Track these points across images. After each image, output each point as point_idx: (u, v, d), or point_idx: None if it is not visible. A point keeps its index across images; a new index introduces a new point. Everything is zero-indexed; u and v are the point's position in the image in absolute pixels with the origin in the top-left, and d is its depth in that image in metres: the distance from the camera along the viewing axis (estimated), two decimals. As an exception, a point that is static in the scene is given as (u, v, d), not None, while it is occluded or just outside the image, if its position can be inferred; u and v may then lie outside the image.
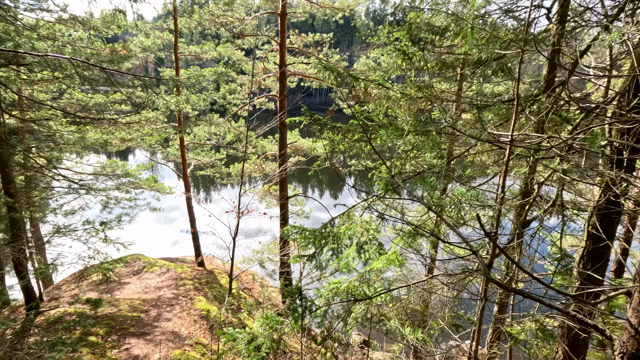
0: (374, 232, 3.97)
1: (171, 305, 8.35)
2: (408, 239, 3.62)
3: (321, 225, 4.71)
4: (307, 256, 4.28)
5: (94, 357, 5.71)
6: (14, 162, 8.68)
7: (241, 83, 14.96)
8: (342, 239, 4.33)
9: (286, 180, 11.51)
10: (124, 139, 13.24)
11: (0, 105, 7.00)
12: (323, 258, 4.12)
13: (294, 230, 4.65)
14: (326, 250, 4.34)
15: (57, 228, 7.14)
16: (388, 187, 4.03)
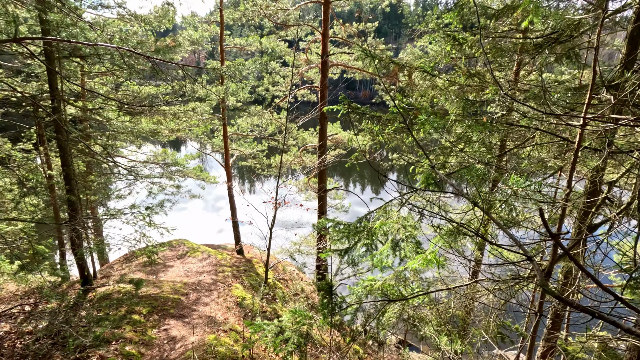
0: (411, 229, 3.67)
1: (210, 291, 8.60)
2: (448, 238, 3.27)
3: (356, 219, 4.48)
4: (339, 251, 4.08)
5: (136, 335, 6.00)
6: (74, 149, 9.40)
7: (284, 75, 14.99)
8: (376, 234, 4.07)
9: (325, 172, 11.35)
10: (173, 130, 13.85)
11: (62, 95, 7.54)
12: (356, 254, 3.89)
13: (328, 223, 4.47)
14: (359, 245, 4.11)
15: (108, 211, 7.61)
16: (429, 181, 3.69)
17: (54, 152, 10.54)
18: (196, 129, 14.69)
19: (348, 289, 4.42)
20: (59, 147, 7.27)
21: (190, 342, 5.89)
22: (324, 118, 10.85)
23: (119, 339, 5.76)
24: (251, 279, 9.98)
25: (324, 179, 11.24)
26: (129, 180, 11.86)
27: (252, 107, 14.38)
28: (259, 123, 14.91)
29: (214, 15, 12.92)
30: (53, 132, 7.15)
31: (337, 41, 13.75)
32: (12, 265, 6.31)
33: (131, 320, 6.50)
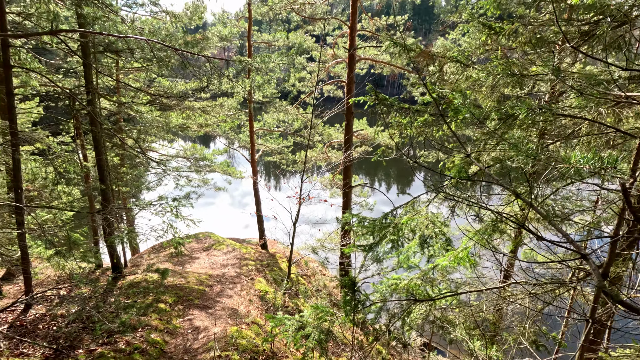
0: (441, 226, 3.45)
1: (233, 283, 8.67)
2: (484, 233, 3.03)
3: (382, 215, 4.30)
4: (364, 246, 3.92)
5: (161, 323, 6.11)
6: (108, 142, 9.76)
7: (310, 70, 14.92)
8: (403, 230, 3.88)
9: (351, 168, 11.17)
10: (201, 125, 14.12)
11: (97, 89, 7.82)
12: (381, 250, 3.72)
13: (353, 218, 4.32)
14: (385, 241, 3.93)
15: (138, 202, 7.82)
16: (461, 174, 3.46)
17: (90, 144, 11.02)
18: (224, 125, 14.93)
19: (372, 287, 4.26)
20: (93, 139, 7.55)
21: (213, 333, 5.92)
22: (350, 113, 10.66)
23: (145, 326, 5.89)
24: (274, 273, 9.99)
25: (349, 175, 11.06)
26: (159, 174, 12.23)
27: (278, 103, 14.41)
28: (285, 119, 14.92)
29: (242, 11, 13.01)
30: (88, 124, 7.42)
31: (365, 35, 13.49)
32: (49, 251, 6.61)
33: (157, 309, 6.64)
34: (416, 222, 3.54)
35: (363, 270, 9.28)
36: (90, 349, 4.88)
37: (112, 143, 10.28)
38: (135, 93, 11.01)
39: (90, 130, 7.67)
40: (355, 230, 4.23)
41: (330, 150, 14.88)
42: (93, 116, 7.11)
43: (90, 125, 7.38)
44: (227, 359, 5.20)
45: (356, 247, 3.94)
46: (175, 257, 10.10)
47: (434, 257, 3.29)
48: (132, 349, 5.19)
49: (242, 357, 5.30)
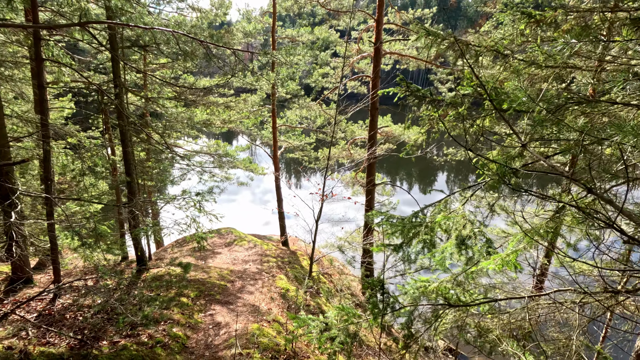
0: (481, 226, 3.16)
1: (254, 280, 8.61)
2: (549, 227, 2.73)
3: (411, 213, 4.04)
4: (394, 246, 3.68)
5: (183, 318, 6.09)
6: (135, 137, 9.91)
7: (334, 66, 14.69)
8: (436, 230, 3.61)
9: (374, 165, 10.89)
10: (225, 121, 14.19)
11: (124, 83, 7.91)
12: (412, 250, 3.47)
13: (379, 216, 4.09)
14: (416, 241, 3.68)
15: (163, 196, 7.88)
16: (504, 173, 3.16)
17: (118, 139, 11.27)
18: (247, 121, 14.95)
19: (398, 288, 4.02)
20: (120, 133, 7.64)
21: (234, 330, 5.84)
22: (375, 109, 10.37)
23: (167, 320, 5.88)
24: (295, 270, 9.87)
25: (372, 172, 10.78)
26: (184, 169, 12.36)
27: (302, 99, 14.28)
28: (308, 115, 14.78)
29: (268, 7, 12.94)
30: (116, 118, 7.52)
31: (391, 29, 13.14)
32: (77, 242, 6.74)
33: (179, 303, 6.64)
34: (452, 221, 3.27)
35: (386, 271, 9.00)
36: (113, 341, 4.89)
37: (138, 138, 10.47)
38: (161, 88, 11.14)
39: (117, 125, 7.78)
40: (384, 229, 3.99)
41: (353, 148, 14.62)
42: (120, 110, 7.18)
43: (117, 119, 7.47)
44: (248, 357, 5.09)
45: (385, 247, 3.71)
46: (197, 251, 10.16)
47: (474, 259, 3.01)
48: (155, 342, 5.17)
49: (263, 356, 5.17)
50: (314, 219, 8.49)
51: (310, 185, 30.67)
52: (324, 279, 10.68)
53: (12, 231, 5.21)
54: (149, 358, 4.71)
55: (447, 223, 3.30)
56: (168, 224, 7.22)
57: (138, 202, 7.20)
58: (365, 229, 10.98)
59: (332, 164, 15.33)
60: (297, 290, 8.37)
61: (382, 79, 12.27)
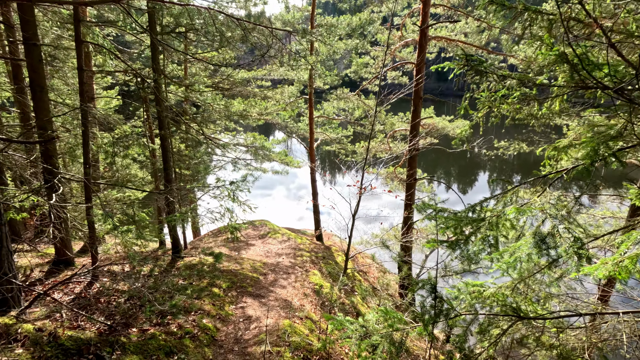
0: (565, 221, 2.54)
1: (287, 274, 8.31)
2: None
3: (467, 206, 3.47)
4: (449, 243, 3.13)
5: (213, 309, 5.89)
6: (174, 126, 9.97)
7: (374, 55, 14.03)
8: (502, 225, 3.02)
9: (416, 159, 10.19)
10: (261, 113, 14.05)
11: (163, 71, 7.87)
12: (474, 248, 2.91)
13: (429, 209, 3.55)
14: (477, 239, 3.11)
15: (198, 184, 7.79)
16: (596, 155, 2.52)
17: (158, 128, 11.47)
18: (283, 113, 14.74)
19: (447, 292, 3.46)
20: (158, 120, 7.61)
21: (265, 325, 5.54)
22: (418, 98, 9.66)
23: (197, 311, 5.70)
24: (329, 266, 9.47)
25: (414, 166, 10.09)
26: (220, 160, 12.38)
27: (339, 90, 13.80)
28: (345, 107, 14.28)
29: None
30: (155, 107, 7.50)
31: (437, 14, 12.26)
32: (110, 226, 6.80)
33: (211, 293, 6.46)
34: (527, 216, 2.67)
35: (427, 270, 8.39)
36: (143, 329, 4.75)
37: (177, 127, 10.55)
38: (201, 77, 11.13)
39: (156, 112, 7.76)
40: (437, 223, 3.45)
41: (392, 141, 13.93)
42: (157, 96, 7.13)
43: (155, 105, 7.44)
44: (278, 355, 4.76)
45: (439, 243, 3.17)
46: (231, 242, 10.07)
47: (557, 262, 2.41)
48: (184, 332, 4.99)
49: (295, 356, 4.82)
50: (350, 213, 8.03)
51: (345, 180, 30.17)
52: (359, 276, 10.19)
53: (52, 213, 5.24)
54: (176, 349, 4.51)
55: (520, 218, 2.72)
56: (202, 212, 7.09)
57: (173, 189, 7.12)
58: (404, 226, 10.34)
59: (369, 158, 14.74)
60: (331, 287, 7.96)
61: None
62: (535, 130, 9.38)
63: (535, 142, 9.95)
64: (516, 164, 33.34)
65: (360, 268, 10.79)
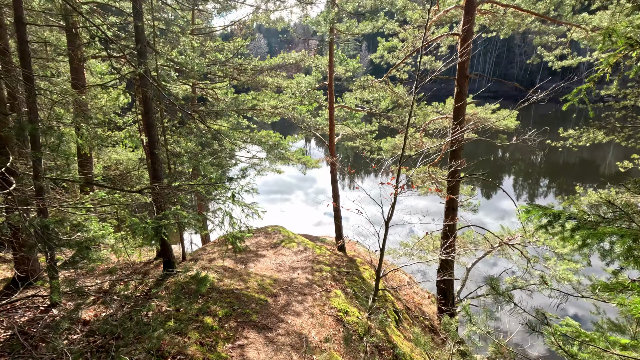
0: None
1: (303, 295, 6.65)
2: None
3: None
4: None
5: (200, 351, 4.28)
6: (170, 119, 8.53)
7: (403, 38, 12.27)
8: None
9: (461, 152, 8.35)
10: (275, 107, 12.57)
11: (150, 43, 6.43)
12: None
13: (538, 211, 1.85)
14: None
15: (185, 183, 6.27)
16: None
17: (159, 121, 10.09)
18: (300, 108, 13.19)
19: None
20: (143, 101, 6.16)
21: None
22: (464, 77, 7.84)
23: (177, 356, 4.10)
24: (355, 284, 7.72)
25: (458, 159, 8.25)
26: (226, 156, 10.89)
27: (363, 78, 12.12)
28: (370, 97, 12.55)
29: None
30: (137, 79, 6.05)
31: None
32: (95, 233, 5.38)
33: (201, 325, 4.87)
34: None
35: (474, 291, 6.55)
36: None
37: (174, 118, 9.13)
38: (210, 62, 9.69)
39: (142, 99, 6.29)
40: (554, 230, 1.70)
41: (424, 136, 12.09)
42: (142, 74, 5.66)
43: (139, 85, 5.99)
44: None
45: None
46: (239, 252, 8.50)
47: None
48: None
49: None
50: (383, 218, 6.29)
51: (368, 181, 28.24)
52: (390, 295, 8.39)
53: None
54: None
55: None
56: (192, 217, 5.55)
57: (162, 187, 5.61)
58: (445, 236, 8.48)
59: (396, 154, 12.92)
60: (359, 316, 6.23)
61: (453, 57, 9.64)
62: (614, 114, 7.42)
63: (617, 130, 7.89)
64: (543, 167, 30.49)
65: (390, 284, 8.97)
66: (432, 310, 9.85)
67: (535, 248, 11.06)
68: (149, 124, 6.26)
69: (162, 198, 5.56)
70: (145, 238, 5.30)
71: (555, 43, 9.63)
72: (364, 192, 6.57)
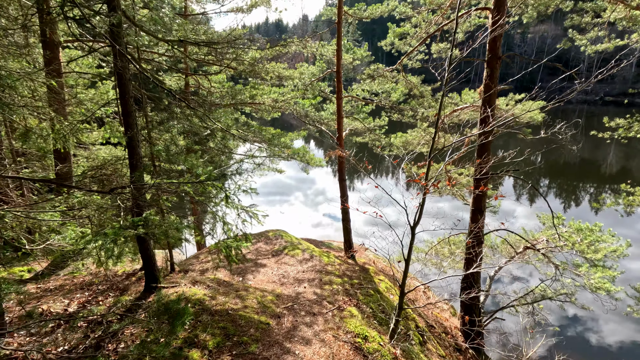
0: None
1: (312, 315, 5.55)
2: None
3: None
4: None
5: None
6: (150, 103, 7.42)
7: (415, 23, 11.21)
8: None
9: (489, 147, 7.28)
10: (276, 100, 11.49)
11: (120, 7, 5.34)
12: None
13: None
14: None
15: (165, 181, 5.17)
16: None
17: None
18: (303, 102, 12.10)
19: None
20: (117, 78, 5.05)
21: None
22: (495, 58, 6.76)
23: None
24: (371, 299, 6.62)
25: (486, 157, 7.18)
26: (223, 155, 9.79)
27: (372, 66, 11.06)
28: (379, 89, 11.48)
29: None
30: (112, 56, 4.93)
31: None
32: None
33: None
34: None
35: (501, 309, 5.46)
36: None
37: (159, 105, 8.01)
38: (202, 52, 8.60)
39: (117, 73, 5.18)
40: None
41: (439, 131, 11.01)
42: (112, 43, 4.57)
43: (113, 58, 4.89)
44: None
45: None
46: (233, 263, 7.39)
47: None
48: None
49: None
50: (408, 223, 5.21)
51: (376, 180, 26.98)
52: (411, 311, 7.30)
53: None
54: None
55: None
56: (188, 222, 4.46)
57: (135, 187, 4.51)
58: (472, 244, 7.40)
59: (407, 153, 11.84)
60: (380, 341, 5.12)
61: (472, 51, 8.62)
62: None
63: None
64: (543, 167, 29.34)
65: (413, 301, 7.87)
66: (454, 325, 8.76)
67: (563, 254, 10.01)
68: (125, 111, 5.16)
69: (136, 200, 4.46)
70: (116, 256, 4.21)
71: (590, 24, 8.59)
72: (384, 192, 5.48)
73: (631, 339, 10.48)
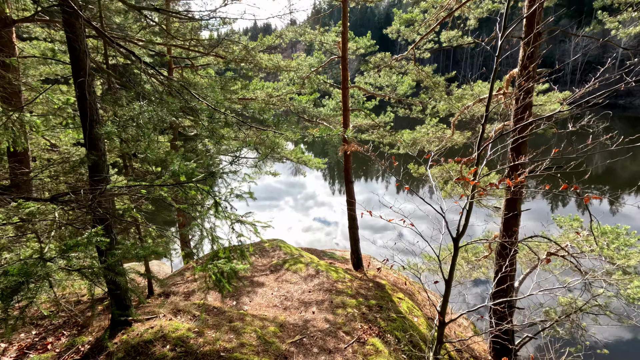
0: None
1: (327, 352, 4.34)
2: None
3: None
4: None
5: None
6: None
7: (423, 8, 10.19)
8: None
9: (525, 146, 6.24)
10: (270, 95, 10.35)
11: None
12: None
13: None
14: None
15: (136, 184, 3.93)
16: None
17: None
18: (300, 98, 10.95)
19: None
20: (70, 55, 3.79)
21: None
22: (537, 34, 5.71)
23: None
24: (394, 325, 5.43)
25: (523, 154, 6.12)
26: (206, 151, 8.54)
27: (379, 55, 10.00)
28: (385, 83, 10.40)
29: None
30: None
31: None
32: None
33: None
34: None
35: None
36: None
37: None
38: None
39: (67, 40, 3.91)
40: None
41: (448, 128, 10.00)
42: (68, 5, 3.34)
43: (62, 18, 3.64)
44: None
45: None
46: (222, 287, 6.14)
47: None
48: None
49: None
50: (449, 233, 4.08)
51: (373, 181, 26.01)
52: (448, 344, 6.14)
53: None
54: None
55: None
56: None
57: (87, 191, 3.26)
58: (506, 252, 6.31)
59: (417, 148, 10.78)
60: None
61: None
62: None
63: None
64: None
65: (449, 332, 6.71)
66: (483, 348, 7.64)
67: (590, 259, 9.05)
68: (81, 92, 3.90)
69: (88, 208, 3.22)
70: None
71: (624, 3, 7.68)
72: (419, 197, 4.33)
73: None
